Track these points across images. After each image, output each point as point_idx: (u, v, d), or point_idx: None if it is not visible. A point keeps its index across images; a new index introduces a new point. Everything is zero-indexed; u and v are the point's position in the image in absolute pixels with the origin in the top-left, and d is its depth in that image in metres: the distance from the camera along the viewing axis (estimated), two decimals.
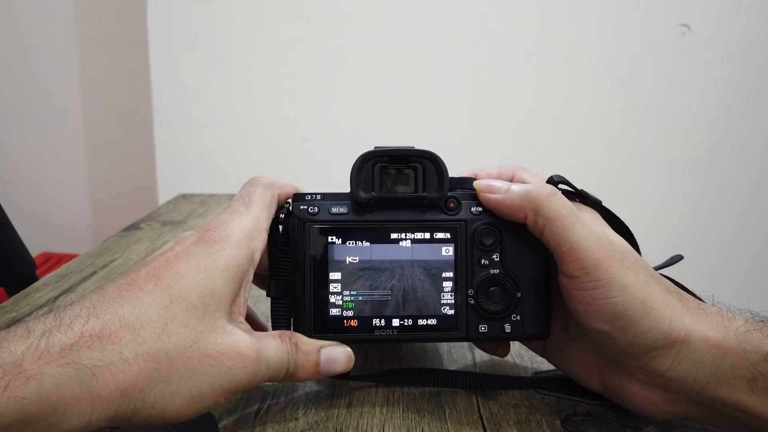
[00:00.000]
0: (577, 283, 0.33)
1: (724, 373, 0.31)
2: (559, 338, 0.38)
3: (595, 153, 1.29)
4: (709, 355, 0.31)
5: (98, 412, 0.26)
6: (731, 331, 0.31)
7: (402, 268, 0.36)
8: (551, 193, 0.34)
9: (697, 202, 1.32)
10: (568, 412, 0.37)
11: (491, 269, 0.36)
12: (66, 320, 0.27)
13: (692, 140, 1.30)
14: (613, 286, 0.32)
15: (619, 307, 0.32)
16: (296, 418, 0.36)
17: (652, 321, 0.31)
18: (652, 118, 1.29)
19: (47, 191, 1.56)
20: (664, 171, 1.31)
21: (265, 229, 0.35)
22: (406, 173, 0.35)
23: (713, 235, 1.32)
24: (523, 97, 1.29)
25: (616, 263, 0.32)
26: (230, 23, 1.28)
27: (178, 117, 1.31)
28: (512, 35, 1.27)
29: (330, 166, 1.13)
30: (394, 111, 1.30)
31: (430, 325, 0.36)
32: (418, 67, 1.28)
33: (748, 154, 1.30)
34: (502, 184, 0.35)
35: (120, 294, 0.29)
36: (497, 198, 0.35)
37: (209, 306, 0.30)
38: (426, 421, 0.36)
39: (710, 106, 1.28)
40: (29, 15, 1.48)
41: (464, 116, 1.29)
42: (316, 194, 0.36)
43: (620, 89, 1.28)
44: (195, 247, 0.32)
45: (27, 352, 0.25)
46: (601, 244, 0.32)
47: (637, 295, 0.32)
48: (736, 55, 1.26)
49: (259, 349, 0.31)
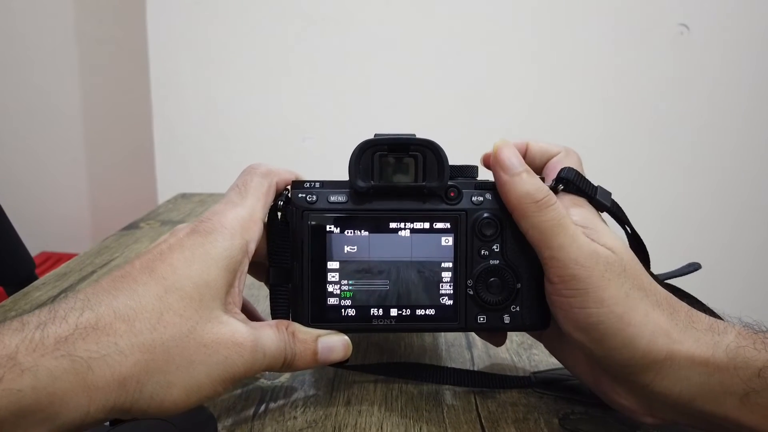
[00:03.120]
0: (556, 289, 0.33)
1: (713, 390, 0.30)
2: (555, 330, 0.37)
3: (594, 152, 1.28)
4: (695, 373, 0.30)
5: (96, 404, 0.26)
6: (721, 348, 0.30)
7: (401, 258, 0.35)
8: (543, 204, 0.33)
9: (697, 202, 1.32)
10: (566, 410, 0.37)
11: (491, 260, 0.35)
12: (60, 313, 0.27)
13: (691, 140, 1.30)
14: (589, 297, 0.31)
15: (593, 318, 0.31)
16: (295, 417, 0.36)
17: (628, 337, 0.31)
18: (651, 118, 1.29)
19: (47, 190, 1.56)
20: (663, 171, 1.31)
21: (260, 219, 0.34)
22: (405, 162, 0.35)
23: (713, 235, 1.32)
24: (523, 96, 1.29)
25: (596, 274, 0.31)
26: (230, 22, 1.28)
27: (178, 116, 1.31)
28: (512, 35, 1.27)
29: (330, 165, 1.13)
30: (394, 110, 1.30)
31: (428, 315, 0.36)
32: (418, 67, 1.28)
33: (748, 153, 1.30)
34: (518, 166, 0.34)
35: (114, 286, 0.29)
36: (504, 178, 0.34)
37: (204, 296, 0.30)
38: (424, 420, 0.36)
39: (709, 106, 1.28)
40: (28, 14, 1.48)
41: (464, 116, 1.29)
42: (315, 182, 0.36)
43: (619, 89, 1.28)
44: (189, 239, 0.32)
45: (21, 344, 0.25)
46: (582, 253, 0.32)
47: (614, 309, 0.31)
48: (735, 55, 1.26)
49: (255, 339, 0.31)
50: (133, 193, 1.50)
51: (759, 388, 0.29)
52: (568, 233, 0.32)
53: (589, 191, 0.35)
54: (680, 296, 0.38)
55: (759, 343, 0.30)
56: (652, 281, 0.33)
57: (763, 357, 0.29)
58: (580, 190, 0.35)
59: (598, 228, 0.34)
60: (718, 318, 0.34)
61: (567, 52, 1.27)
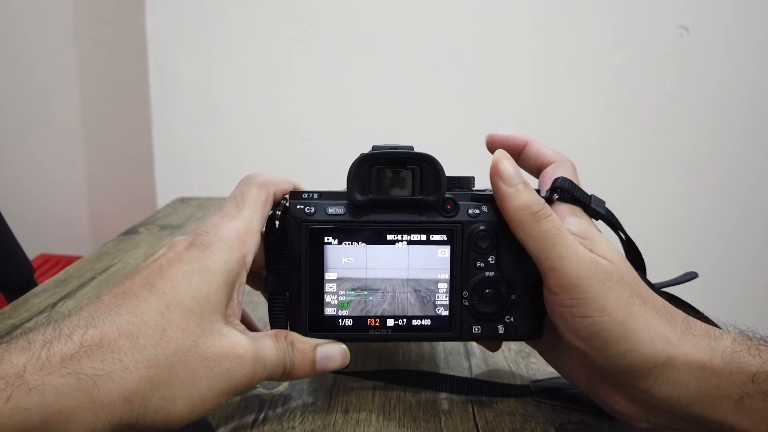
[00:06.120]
0: (557, 299, 0.33)
1: (709, 394, 0.31)
2: (551, 339, 0.38)
3: (593, 154, 1.29)
4: (693, 378, 0.31)
5: (102, 420, 0.27)
6: (717, 353, 0.31)
7: (398, 269, 0.36)
8: (540, 215, 0.33)
9: (696, 204, 1.32)
10: (563, 420, 0.37)
11: (486, 272, 0.36)
12: (65, 331, 0.27)
13: (691, 141, 1.30)
14: (591, 305, 0.32)
15: (596, 327, 0.32)
16: (293, 427, 0.36)
17: (630, 344, 0.31)
18: (650, 120, 1.29)
19: (46, 193, 1.56)
20: (663, 172, 1.31)
21: (257, 230, 0.35)
22: (403, 175, 0.35)
23: (711, 237, 1.32)
24: (522, 98, 1.29)
25: (597, 283, 0.32)
26: (229, 23, 1.28)
27: (177, 118, 1.31)
28: (511, 36, 1.27)
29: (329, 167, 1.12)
30: (394, 111, 1.30)
31: (424, 325, 0.36)
32: (418, 68, 1.28)
33: (748, 155, 1.30)
34: (516, 177, 0.34)
35: (116, 302, 0.30)
36: (503, 189, 0.34)
37: (205, 309, 0.31)
38: (422, 429, 0.36)
39: (709, 108, 1.29)
40: (27, 14, 1.48)
41: (463, 117, 1.29)
42: (313, 192, 0.36)
43: (619, 90, 1.29)
44: (187, 253, 0.32)
45: (29, 363, 0.26)
46: (581, 263, 0.32)
47: (615, 316, 0.31)
48: (734, 57, 1.26)
49: (256, 350, 0.32)
50: (132, 195, 1.50)
51: (753, 393, 0.30)
52: (566, 243, 0.33)
53: (584, 200, 0.36)
54: (677, 305, 0.38)
55: (753, 348, 0.31)
56: (648, 289, 0.34)
57: (757, 362, 0.30)
58: (575, 198, 0.36)
59: (595, 238, 0.34)
60: (714, 325, 0.35)
61: (566, 54, 1.27)
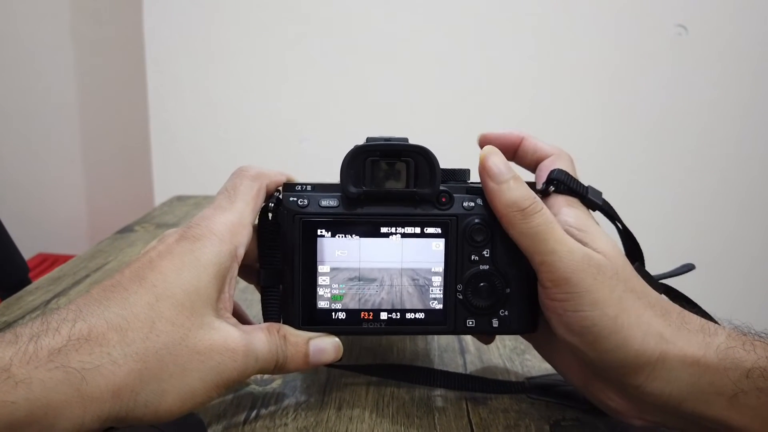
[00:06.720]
0: (549, 293, 0.33)
1: (703, 390, 0.30)
2: (545, 333, 0.37)
3: (592, 153, 1.28)
4: (686, 374, 0.30)
5: (90, 414, 0.26)
6: (712, 348, 0.30)
7: (391, 262, 0.35)
8: (529, 212, 0.33)
9: (695, 203, 1.32)
10: (557, 417, 0.37)
11: (481, 265, 0.36)
12: (53, 324, 0.27)
13: (690, 141, 1.30)
14: (583, 299, 0.31)
15: (587, 321, 0.31)
16: (285, 424, 0.36)
17: (621, 339, 0.31)
18: (649, 119, 1.29)
19: (43, 192, 1.56)
20: (662, 172, 1.31)
21: (249, 223, 0.34)
22: (397, 168, 0.35)
23: (711, 236, 1.32)
24: (522, 97, 1.29)
25: (589, 277, 0.31)
26: (227, 23, 1.28)
27: (175, 117, 1.31)
28: (510, 36, 1.27)
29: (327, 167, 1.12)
30: (392, 111, 1.29)
31: (417, 319, 0.36)
32: (417, 68, 1.28)
33: (747, 154, 1.30)
34: (506, 173, 0.34)
35: (105, 296, 0.29)
36: (491, 186, 0.34)
37: (196, 303, 0.30)
38: (415, 426, 0.36)
39: (708, 107, 1.28)
40: (25, 14, 1.48)
41: (461, 116, 1.29)
42: (306, 185, 0.36)
43: (618, 90, 1.28)
44: (178, 245, 0.32)
45: (15, 357, 0.25)
46: (573, 257, 0.32)
47: (607, 311, 0.31)
48: (733, 56, 1.26)
49: (247, 343, 0.31)
50: (130, 194, 1.50)
51: (747, 389, 0.29)
52: (557, 238, 0.32)
53: (581, 191, 0.36)
54: (674, 297, 0.38)
55: (748, 344, 0.30)
56: (644, 284, 0.33)
57: (752, 358, 0.30)
58: (571, 190, 0.36)
59: (591, 230, 0.34)
60: (711, 319, 0.34)
61: (565, 52, 1.27)
